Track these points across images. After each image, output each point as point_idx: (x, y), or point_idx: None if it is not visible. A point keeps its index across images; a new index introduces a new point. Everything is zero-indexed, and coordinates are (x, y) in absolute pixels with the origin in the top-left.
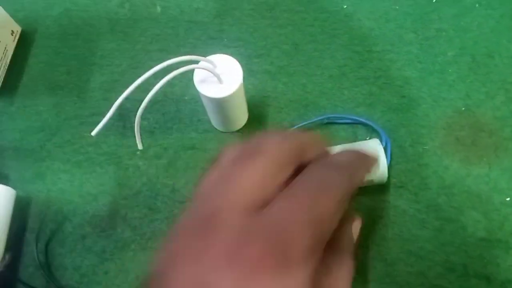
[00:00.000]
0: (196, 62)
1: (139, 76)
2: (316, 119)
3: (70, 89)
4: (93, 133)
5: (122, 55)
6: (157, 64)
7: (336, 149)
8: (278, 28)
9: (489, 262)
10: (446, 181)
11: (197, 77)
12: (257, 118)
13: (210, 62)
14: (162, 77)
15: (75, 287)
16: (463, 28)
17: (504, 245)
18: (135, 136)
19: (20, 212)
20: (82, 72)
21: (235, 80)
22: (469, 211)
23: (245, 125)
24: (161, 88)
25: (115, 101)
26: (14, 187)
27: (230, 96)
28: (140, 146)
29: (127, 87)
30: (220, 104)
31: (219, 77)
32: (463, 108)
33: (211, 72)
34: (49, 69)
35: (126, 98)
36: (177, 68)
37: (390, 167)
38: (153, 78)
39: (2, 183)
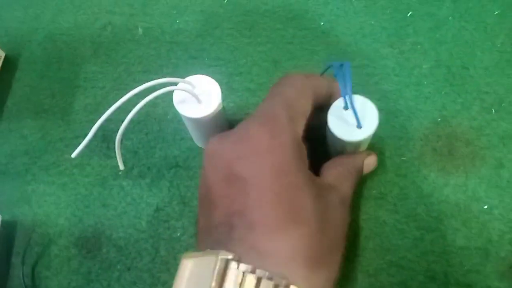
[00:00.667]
0: (175, 84)
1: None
2: None
3: (54, 112)
4: (73, 155)
5: (106, 77)
6: (139, 85)
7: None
8: (258, 46)
9: (469, 269)
10: (424, 191)
11: (177, 97)
12: None
13: (189, 83)
14: (144, 97)
15: None
16: (438, 40)
17: (483, 252)
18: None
19: (6, 236)
20: (66, 95)
21: (214, 100)
22: (448, 219)
23: None
24: (142, 108)
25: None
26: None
27: (209, 115)
28: (121, 167)
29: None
30: (200, 124)
31: (198, 97)
32: (439, 119)
33: (189, 93)
34: (33, 93)
35: (109, 120)
36: (157, 90)
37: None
38: (136, 99)
39: None
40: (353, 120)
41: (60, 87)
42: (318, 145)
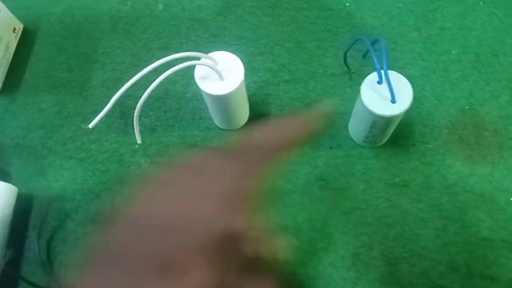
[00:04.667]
0: (198, 58)
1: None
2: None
3: (72, 86)
4: (91, 125)
5: (124, 53)
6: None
7: None
8: (281, 26)
9: (493, 262)
10: (449, 180)
11: (198, 74)
12: (259, 115)
13: (212, 59)
14: (163, 74)
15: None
16: (467, 26)
17: (509, 245)
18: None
19: (22, 209)
20: (84, 70)
21: (236, 77)
22: (472, 210)
23: (247, 123)
24: (162, 84)
25: (118, 98)
26: (15, 184)
27: (231, 93)
28: (139, 140)
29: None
30: (221, 102)
31: (220, 74)
32: (467, 107)
33: (212, 69)
34: (51, 67)
35: (128, 96)
36: (179, 64)
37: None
38: (155, 75)
39: (4, 180)
40: (387, 95)
41: (78, 61)
42: None
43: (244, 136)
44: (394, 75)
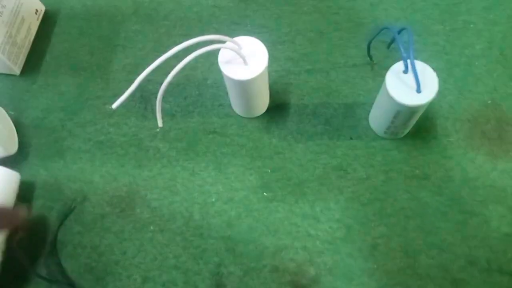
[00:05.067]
0: (222, 42)
1: (163, 62)
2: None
3: (92, 70)
4: (114, 105)
5: (146, 38)
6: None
7: None
8: (303, 15)
9: None
10: (470, 174)
11: (222, 58)
12: (278, 104)
13: (236, 43)
14: (184, 60)
15: (93, 266)
16: (492, 21)
17: None
18: (156, 118)
19: (41, 189)
20: (105, 53)
21: (261, 63)
22: (493, 205)
23: (266, 111)
24: (183, 70)
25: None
26: (34, 165)
27: (255, 79)
28: (160, 124)
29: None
30: (244, 87)
31: (245, 59)
32: (489, 102)
33: (237, 53)
34: (72, 49)
35: (148, 80)
36: (202, 47)
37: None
38: (176, 62)
39: (23, 160)
40: (413, 84)
41: (99, 44)
42: None
43: None
44: (420, 65)
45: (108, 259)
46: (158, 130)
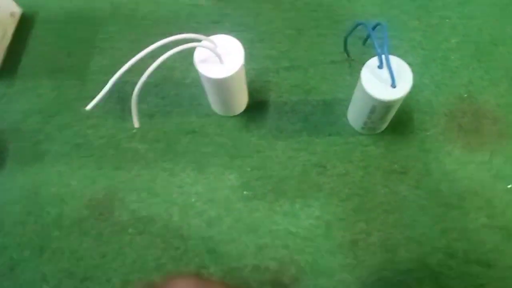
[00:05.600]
0: (198, 41)
1: (140, 61)
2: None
3: (70, 72)
4: (88, 107)
5: (124, 39)
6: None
7: None
8: (281, 13)
9: (491, 248)
10: (448, 167)
11: (198, 57)
12: (257, 102)
13: (212, 41)
14: (163, 59)
15: (72, 270)
16: (467, 15)
17: (506, 232)
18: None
19: (17, 193)
20: (83, 56)
21: (237, 61)
22: (471, 197)
23: (245, 109)
24: (160, 70)
25: (115, 84)
26: (12, 169)
27: (231, 77)
28: (136, 124)
29: (127, 71)
30: (221, 85)
31: (220, 57)
32: (466, 95)
33: (213, 51)
34: (49, 52)
35: (125, 81)
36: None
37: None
38: (153, 61)
39: (1, 166)
40: (388, 79)
41: (77, 46)
42: None
43: None
44: (394, 60)
45: (87, 263)
46: (135, 131)
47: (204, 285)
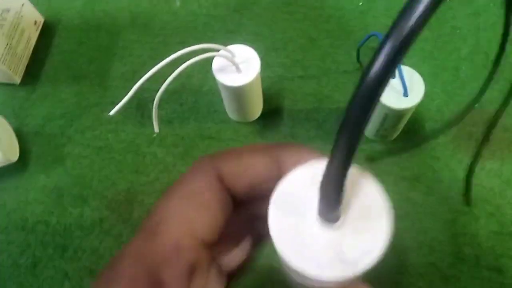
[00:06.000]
0: (216, 50)
1: (159, 70)
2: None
3: (91, 78)
4: (111, 113)
5: (143, 47)
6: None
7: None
8: (295, 23)
9: (501, 254)
10: (458, 175)
11: (216, 66)
12: (272, 109)
13: (229, 51)
14: (179, 67)
15: (93, 268)
16: (477, 27)
17: None
18: (152, 125)
19: (41, 194)
20: (104, 62)
21: (253, 69)
22: (482, 204)
23: (260, 116)
24: (179, 78)
25: (135, 92)
26: (35, 171)
27: (247, 85)
28: (156, 129)
29: (147, 78)
30: (237, 93)
31: (238, 66)
32: (476, 105)
33: (230, 61)
34: (71, 59)
35: (144, 89)
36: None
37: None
38: (171, 70)
39: (23, 168)
40: (400, 89)
41: (98, 54)
42: None
43: None
44: (406, 70)
45: (108, 262)
46: (155, 135)
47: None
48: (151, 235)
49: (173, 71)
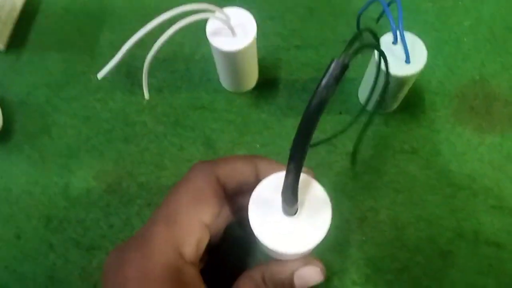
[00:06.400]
0: (210, 12)
1: (149, 35)
2: None
3: (79, 46)
4: (99, 75)
5: (133, 14)
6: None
7: None
8: None
9: (500, 229)
10: (458, 149)
11: (210, 29)
12: (267, 80)
13: (224, 13)
14: (173, 35)
15: (79, 240)
16: None
17: None
18: (142, 92)
19: (25, 165)
20: (92, 30)
21: (249, 34)
22: (481, 178)
23: (255, 86)
24: (169, 45)
25: (124, 59)
26: (19, 141)
27: (243, 50)
28: (146, 96)
29: (136, 45)
30: (232, 59)
31: (233, 30)
32: (478, 78)
33: (225, 24)
34: (58, 26)
35: (133, 56)
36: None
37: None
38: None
39: (7, 138)
40: (402, 55)
41: (86, 21)
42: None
43: None
44: (409, 36)
45: (94, 233)
46: (145, 102)
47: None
48: (172, 223)
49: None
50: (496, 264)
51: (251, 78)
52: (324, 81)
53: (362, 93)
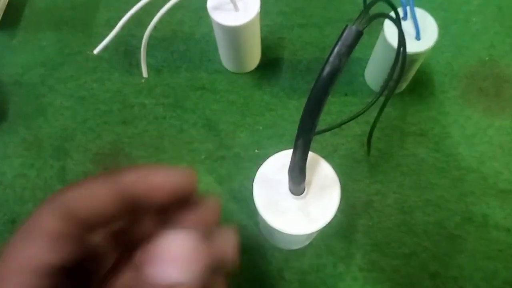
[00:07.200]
0: None
1: (147, 14)
2: None
3: (74, 24)
4: (96, 51)
5: None
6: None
7: None
8: None
9: (510, 213)
10: (467, 131)
11: (211, 3)
12: (270, 60)
13: None
14: (172, 13)
15: None
16: None
17: None
18: (141, 73)
19: (20, 147)
20: (88, 8)
21: (252, 8)
22: (490, 161)
23: (257, 66)
24: (169, 24)
25: (122, 38)
26: (13, 122)
27: (246, 25)
28: (145, 74)
29: (134, 24)
30: (234, 35)
31: (235, 4)
32: (487, 58)
33: None
34: (53, 4)
35: (132, 35)
36: None
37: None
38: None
39: (1, 118)
40: (412, 32)
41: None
42: None
43: None
44: (419, 12)
45: None
46: (143, 81)
47: None
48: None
49: (161, 17)
50: (505, 249)
51: (254, 57)
52: (336, 49)
53: (370, 74)
